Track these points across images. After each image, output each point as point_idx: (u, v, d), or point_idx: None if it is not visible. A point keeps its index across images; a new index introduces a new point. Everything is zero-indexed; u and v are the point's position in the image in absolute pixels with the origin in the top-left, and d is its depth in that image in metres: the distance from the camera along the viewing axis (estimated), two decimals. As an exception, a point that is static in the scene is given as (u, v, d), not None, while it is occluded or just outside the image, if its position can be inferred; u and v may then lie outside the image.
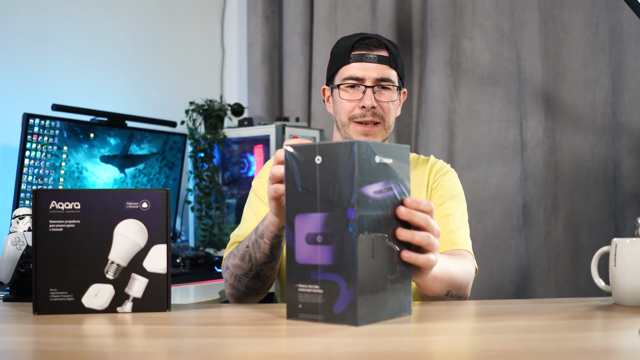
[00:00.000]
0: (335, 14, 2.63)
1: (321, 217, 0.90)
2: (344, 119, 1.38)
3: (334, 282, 0.90)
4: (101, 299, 1.01)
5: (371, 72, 1.35)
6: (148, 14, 2.58)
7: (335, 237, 0.90)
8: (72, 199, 1.01)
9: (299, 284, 0.93)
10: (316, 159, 0.90)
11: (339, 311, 0.90)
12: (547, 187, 2.26)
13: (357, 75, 1.36)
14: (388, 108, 1.37)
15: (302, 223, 0.92)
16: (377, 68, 1.36)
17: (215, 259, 2.29)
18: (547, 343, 0.79)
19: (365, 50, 1.36)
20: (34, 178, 1.97)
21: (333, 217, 0.90)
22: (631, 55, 2.17)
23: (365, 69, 1.35)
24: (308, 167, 0.91)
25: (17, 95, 2.10)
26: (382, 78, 1.36)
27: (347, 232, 0.88)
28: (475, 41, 2.39)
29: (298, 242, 0.93)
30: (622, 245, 1.05)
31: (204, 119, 2.53)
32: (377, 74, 1.36)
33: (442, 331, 0.91)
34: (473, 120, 2.39)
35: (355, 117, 1.37)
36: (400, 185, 0.95)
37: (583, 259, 2.24)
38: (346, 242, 0.89)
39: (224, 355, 0.77)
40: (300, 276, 0.93)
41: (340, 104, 1.38)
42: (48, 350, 0.79)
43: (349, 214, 0.88)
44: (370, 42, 1.37)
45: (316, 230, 0.91)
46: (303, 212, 0.92)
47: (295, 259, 0.93)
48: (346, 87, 1.37)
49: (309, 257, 0.92)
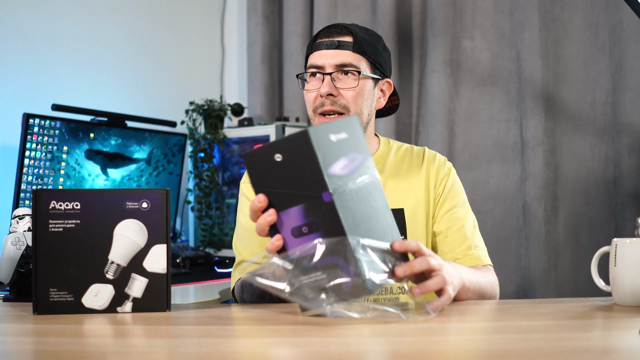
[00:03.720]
0: (335, 14, 2.63)
1: (299, 209, 0.91)
2: (310, 112, 1.31)
3: (333, 264, 0.90)
4: (101, 299, 1.01)
5: (330, 59, 1.27)
6: (148, 14, 2.58)
7: (320, 224, 0.91)
8: (72, 199, 1.01)
9: (300, 277, 0.93)
10: (276, 157, 0.90)
11: (349, 288, 0.90)
12: (547, 187, 2.26)
13: (316, 63, 1.28)
14: (351, 95, 1.27)
15: (283, 220, 0.93)
16: (337, 54, 1.27)
17: (215, 259, 2.29)
18: (547, 343, 0.79)
19: (327, 37, 1.29)
20: (34, 178, 1.97)
21: (311, 206, 0.91)
22: (631, 55, 2.17)
23: (324, 56, 1.28)
24: (271, 167, 0.91)
25: (17, 95, 2.10)
26: (342, 64, 1.27)
27: (329, 215, 0.90)
28: (475, 41, 2.39)
29: (287, 239, 0.93)
30: (622, 245, 1.05)
31: (204, 119, 2.53)
32: (336, 61, 1.27)
33: (442, 331, 0.91)
34: (473, 120, 2.39)
35: (317, 108, 1.29)
36: (362, 154, 0.97)
37: (583, 259, 2.24)
38: (332, 224, 0.90)
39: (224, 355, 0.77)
40: (300, 270, 0.93)
41: (305, 96, 1.32)
42: (48, 350, 0.79)
43: (325, 198, 0.89)
44: (334, 29, 1.30)
45: (299, 223, 0.92)
46: (281, 210, 0.93)
47: (289, 256, 0.93)
48: (309, 77, 1.30)
49: (301, 249, 0.92)
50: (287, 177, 0.91)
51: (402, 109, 2.51)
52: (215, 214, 2.53)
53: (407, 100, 2.52)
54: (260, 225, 0.93)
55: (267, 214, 0.92)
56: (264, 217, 0.92)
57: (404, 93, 2.52)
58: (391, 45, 2.46)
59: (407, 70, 2.52)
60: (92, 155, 2.13)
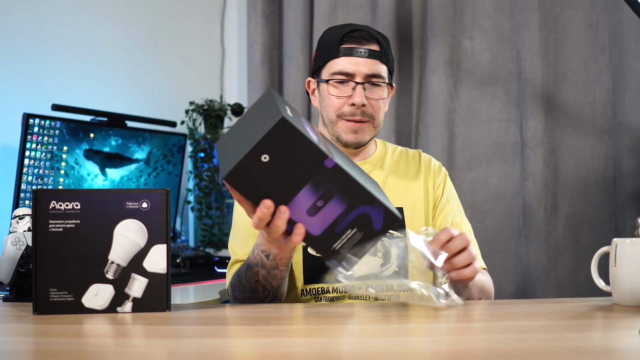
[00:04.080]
0: (335, 14, 2.63)
1: (307, 189, 0.92)
2: (332, 116, 1.32)
3: (361, 214, 0.94)
4: (101, 299, 1.01)
5: (362, 68, 1.28)
6: (148, 14, 2.58)
7: (333, 189, 0.92)
8: (72, 199, 1.01)
9: (332, 245, 0.96)
10: (263, 159, 0.88)
11: (380, 226, 0.95)
12: (547, 187, 2.26)
13: (347, 70, 1.29)
14: (378, 106, 1.31)
15: (295, 208, 0.93)
16: (368, 63, 1.28)
17: (215, 259, 2.29)
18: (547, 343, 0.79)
19: (356, 43, 1.29)
20: (34, 178, 1.97)
21: (317, 180, 0.91)
22: (631, 55, 2.17)
23: (356, 64, 1.28)
24: (261, 171, 0.89)
25: (17, 95, 2.10)
26: (372, 74, 1.29)
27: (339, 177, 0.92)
28: (475, 41, 2.39)
29: (305, 222, 0.94)
30: (622, 245, 1.05)
31: (204, 119, 2.53)
32: (367, 70, 1.29)
33: (442, 331, 0.91)
34: (473, 120, 2.39)
35: (344, 114, 1.30)
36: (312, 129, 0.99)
37: (583, 259, 2.24)
38: (345, 184, 0.92)
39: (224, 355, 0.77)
40: (330, 239, 0.95)
41: (329, 100, 1.31)
42: (48, 350, 0.79)
43: (328, 164, 0.90)
44: (360, 34, 1.30)
45: (312, 200, 0.93)
46: (289, 201, 0.92)
47: (313, 235, 0.95)
48: (335, 82, 1.30)
49: (322, 222, 0.94)
50: (282, 169, 0.89)
51: (402, 109, 2.51)
52: (215, 214, 2.53)
53: (407, 100, 2.52)
54: (277, 227, 0.92)
55: (280, 213, 0.91)
56: (278, 218, 0.91)
57: (404, 93, 2.52)
58: (391, 45, 2.45)
59: (407, 70, 2.52)
60: (92, 155, 2.13)
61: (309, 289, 1.28)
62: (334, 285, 1.27)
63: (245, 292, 1.18)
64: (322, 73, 1.33)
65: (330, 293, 1.28)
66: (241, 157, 0.87)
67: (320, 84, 1.34)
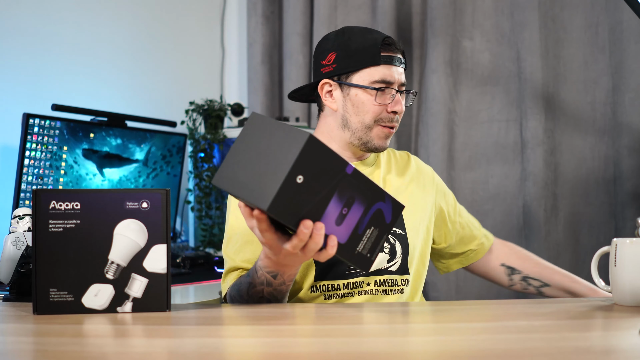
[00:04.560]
0: (335, 14, 2.63)
1: (334, 200, 0.93)
2: (368, 121, 1.33)
3: (376, 211, 0.97)
4: (101, 299, 1.01)
5: (399, 77, 1.34)
6: (148, 14, 2.58)
7: (354, 195, 0.94)
8: (72, 199, 1.01)
9: (356, 248, 0.98)
10: (297, 180, 0.88)
11: (390, 219, 0.98)
12: (547, 187, 2.26)
13: (388, 79, 1.32)
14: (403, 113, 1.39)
15: (326, 220, 0.94)
16: (402, 72, 1.35)
17: (215, 259, 2.29)
18: (547, 343, 0.79)
19: (392, 52, 1.33)
20: (34, 178, 1.97)
21: (341, 188, 0.93)
22: (631, 55, 2.17)
23: (397, 73, 1.33)
24: (297, 194, 0.89)
25: (17, 95, 2.10)
26: (403, 83, 1.36)
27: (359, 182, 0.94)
28: (475, 41, 2.39)
29: (335, 234, 0.95)
30: (622, 245, 1.05)
31: (204, 119, 2.53)
32: (402, 79, 1.35)
33: (442, 331, 0.91)
34: (473, 120, 2.39)
35: (382, 120, 1.33)
36: None
37: (583, 259, 2.24)
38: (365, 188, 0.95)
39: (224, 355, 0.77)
40: (354, 243, 0.97)
41: (367, 106, 1.32)
42: (48, 350, 0.79)
43: (349, 170, 0.92)
44: (393, 43, 1.34)
45: (339, 210, 0.94)
46: (320, 216, 0.93)
47: (341, 243, 0.96)
48: (376, 89, 1.32)
49: (348, 229, 0.96)
50: (314, 186, 0.90)
51: (402, 109, 2.51)
52: (215, 214, 2.53)
53: (407, 100, 2.52)
54: (316, 244, 0.94)
55: (317, 230, 0.92)
56: (316, 235, 0.93)
57: (404, 93, 2.52)
58: (391, 45, 2.46)
59: (407, 70, 2.52)
60: (92, 155, 2.13)
61: (319, 285, 1.28)
62: (345, 282, 1.27)
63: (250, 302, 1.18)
64: (352, 77, 1.33)
65: (340, 290, 1.29)
66: (280, 184, 0.87)
67: (350, 88, 1.33)
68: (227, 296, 1.24)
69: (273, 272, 1.08)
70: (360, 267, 1.00)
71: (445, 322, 0.99)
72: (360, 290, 1.30)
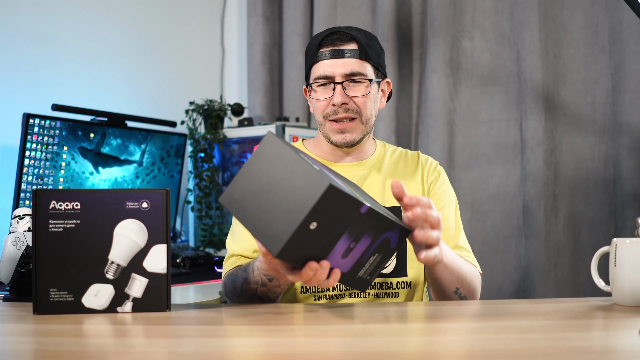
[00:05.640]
0: (335, 14, 2.63)
1: (344, 237, 0.92)
2: (319, 118, 1.36)
3: (383, 239, 0.97)
4: (101, 299, 1.01)
5: (339, 69, 1.31)
6: (148, 14, 2.58)
7: (364, 230, 0.94)
8: (72, 199, 1.01)
9: (357, 274, 0.99)
10: (311, 227, 0.87)
11: (395, 244, 0.99)
12: (547, 187, 2.26)
13: (325, 73, 1.32)
14: (362, 102, 1.33)
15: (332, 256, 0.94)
16: (346, 63, 1.31)
17: (215, 259, 2.29)
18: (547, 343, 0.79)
19: (332, 46, 1.32)
20: (34, 178, 1.97)
21: (353, 227, 0.92)
22: (631, 55, 2.17)
23: (333, 66, 1.31)
24: (309, 238, 0.88)
25: (17, 95, 2.10)
26: (351, 73, 1.31)
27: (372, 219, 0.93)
28: (475, 41, 2.39)
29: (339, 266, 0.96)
30: (622, 245, 1.05)
31: (204, 119, 2.53)
32: (345, 70, 1.31)
33: (442, 331, 0.91)
34: (473, 120, 2.39)
35: (329, 115, 1.33)
36: None
37: (583, 259, 2.24)
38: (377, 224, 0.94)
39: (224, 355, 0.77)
40: (356, 270, 0.98)
41: (315, 103, 1.36)
42: (48, 350, 0.79)
43: (363, 210, 0.91)
44: (337, 37, 1.32)
45: (347, 245, 0.94)
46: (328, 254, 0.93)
47: (343, 272, 0.97)
48: (317, 86, 1.34)
49: (353, 260, 0.96)
50: (325, 230, 0.89)
51: (402, 109, 2.51)
52: (215, 214, 2.53)
53: (407, 100, 2.52)
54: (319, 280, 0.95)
55: (323, 269, 0.94)
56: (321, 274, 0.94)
57: (404, 93, 2.52)
58: (391, 45, 2.46)
59: (407, 70, 2.52)
60: (91, 155, 2.13)
61: (309, 286, 1.28)
62: None
63: (240, 299, 1.21)
64: (309, 79, 1.38)
65: (330, 291, 1.30)
66: (292, 233, 0.85)
67: (309, 89, 1.38)
68: (223, 283, 1.29)
69: (269, 275, 1.12)
70: (357, 288, 1.01)
71: (445, 322, 0.99)
72: (351, 293, 1.31)
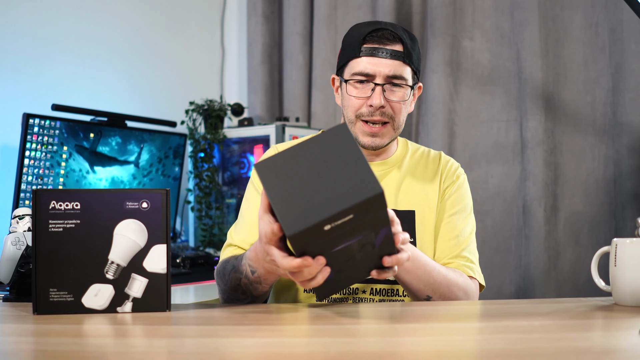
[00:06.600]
0: (335, 14, 2.63)
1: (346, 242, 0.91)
2: (350, 116, 1.29)
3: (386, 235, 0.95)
4: (101, 299, 1.01)
5: (382, 69, 1.25)
6: (148, 14, 2.58)
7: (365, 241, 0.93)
8: (72, 199, 1.01)
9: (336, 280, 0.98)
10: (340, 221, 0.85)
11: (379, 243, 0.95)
12: (547, 187, 2.26)
13: (367, 71, 1.25)
14: (399, 108, 1.28)
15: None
16: (390, 64, 1.25)
17: (215, 259, 2.29)
18: (547, 343, 0.79)
19: (378, 43, 1.25)
20: (34, 178, 1.97)
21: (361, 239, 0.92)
22: (631, 55, 2.17)
23: (377, 65, 1.25)
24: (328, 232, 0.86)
25: (17, 95, 2.10)
26: (394, 75, 1.26)
27: None
28: (475, 41, 2.39)
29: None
30: (622, 245, 1.05)
31: (204, 119, 2.53)
32: (388, 71, 1.25)
33: (442, 331, 0.91)
34: (473, 120, 2.39)
35: (362, 115, 1.27)
36: None
37: (583, 259, 2.24)
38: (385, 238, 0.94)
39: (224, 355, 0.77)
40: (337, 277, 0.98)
41: (348, 100, 1.29)
42: (48, 350, 0.79)
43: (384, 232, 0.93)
44: (383, 34, 1.26)
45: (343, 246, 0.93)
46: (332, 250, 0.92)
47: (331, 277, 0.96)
48: (355, 82, 1.27)
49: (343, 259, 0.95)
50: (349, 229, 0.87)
51: (402, 109, 2.51)
52: (215, 214, 2.53)
53: (407, 100, 2.52)
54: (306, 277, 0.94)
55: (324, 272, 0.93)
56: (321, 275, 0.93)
57: (404, 93, 2.52)
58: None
59: (407, 70, 2.52)
60: (91, 155, 2.13)
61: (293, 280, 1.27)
62: None
63: (226, 287, 1.18)
64: (344, 72, 1.31)
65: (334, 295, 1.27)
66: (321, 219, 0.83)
67: (342, 82, 1.31)
68: (216, 271, 1.26)
69: (253, 268, 1.09)
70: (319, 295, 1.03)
71: (445, 322, 0.99)
72: (355, 297, 1.27)
